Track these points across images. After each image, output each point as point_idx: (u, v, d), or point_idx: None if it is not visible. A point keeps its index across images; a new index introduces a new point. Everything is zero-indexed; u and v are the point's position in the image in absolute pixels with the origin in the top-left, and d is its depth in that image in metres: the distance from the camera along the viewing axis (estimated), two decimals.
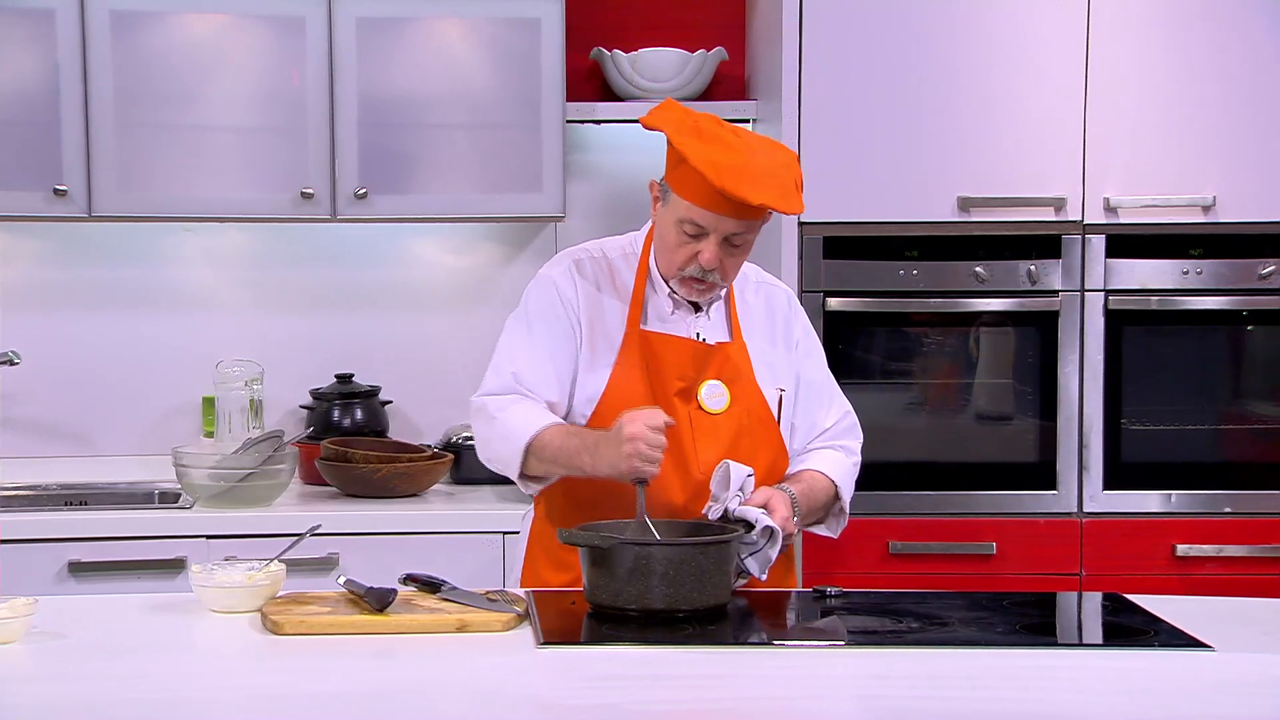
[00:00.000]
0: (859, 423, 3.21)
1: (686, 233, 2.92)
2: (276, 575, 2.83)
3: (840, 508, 3.13)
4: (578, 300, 3.03)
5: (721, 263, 2.93)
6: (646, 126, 2.94)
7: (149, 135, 4.22)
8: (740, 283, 3.11)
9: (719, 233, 2.90)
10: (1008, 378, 4.19)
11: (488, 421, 3.02)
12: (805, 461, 3.12)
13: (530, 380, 3.01)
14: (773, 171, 2.87)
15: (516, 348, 3.04)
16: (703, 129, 2.89)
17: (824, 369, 3.19)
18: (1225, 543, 4.11)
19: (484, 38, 4.30)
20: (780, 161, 2.91)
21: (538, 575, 3.09)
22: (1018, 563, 4.09)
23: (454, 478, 4.40)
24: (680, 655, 2.58)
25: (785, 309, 3.15)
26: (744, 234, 2.92)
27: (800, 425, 3.13)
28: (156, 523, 4.02)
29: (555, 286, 3.05)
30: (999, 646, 2.67)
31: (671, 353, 3.01)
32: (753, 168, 2.84)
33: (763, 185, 2.83)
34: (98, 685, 2.42)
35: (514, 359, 3.03)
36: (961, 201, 4.07)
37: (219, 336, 4.55)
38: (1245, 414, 4.20)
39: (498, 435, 3.00)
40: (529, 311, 3.06)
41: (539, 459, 2.97)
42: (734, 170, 2.82)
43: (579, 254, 3.10)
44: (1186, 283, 4.12)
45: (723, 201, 2.85)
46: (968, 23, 4.07)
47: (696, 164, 2.83)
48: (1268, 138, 4.08)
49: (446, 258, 4.67)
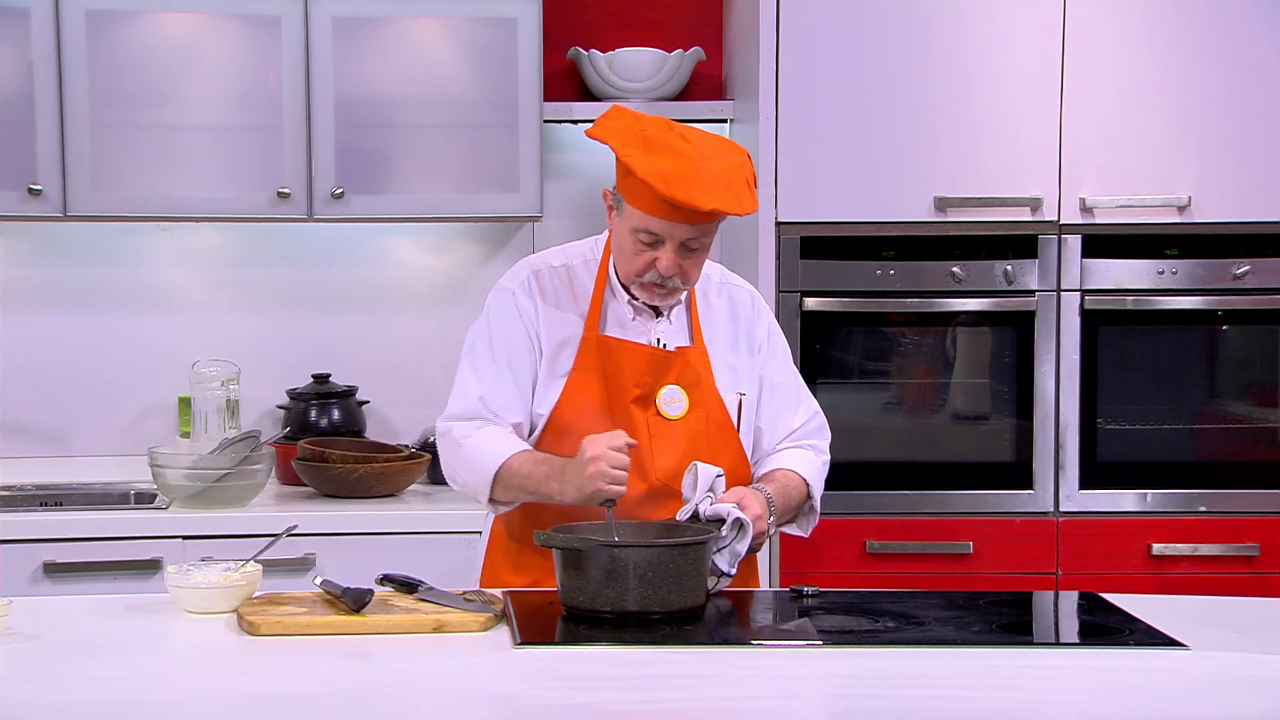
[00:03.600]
0: (828, 423, 3.21)
1: (642, 241, 2.91)
2: (253, 576, 2.82)
3: (811, 506, 3.13)
4: (536, 314, 3.03)
5: (680, 267, 2.93)
6: (591, 137, 2.94)
7: (124, 134, 4.20)
8: (703, 284, 3.09)
9: (674, 239, 2.89)
10: (984, 377, 4.20)
11: (453, 448, 3.02)
12: (775, 461, 3.11)
13: (495, 404, 3.01)
14: (723, 175, 2.85)
15: (481, 368, 3.03)
16: (649, 138, 2.87)
17: (790, 369, 3.18)
18: (1200, 541, 4.13)
19: (461, 37, 4.30)
20: (731, 163, 2.88)
21: (497, 576, 3.09)
22: (994, 562, 4.10)
23: (431, 478, 4.39)
24: (657, 655, 2.58)
25: (749, 311, 3.13)
26: (699, 238, 2.91)
27: (766, 427, 3.13)
28: (132, 523, 4.01)
29: (514, 298, 3.05)
30: (975, 646, 2.67)
31: (629, 359, 3.00)
32: (703, 174, 2.82)
33: (713, 191, 2.82)
34: (72, 686, 2.41)
35: (481, 381, 3.02)
36: (938, 202, 4.08)
37: (195, 336, 4.54)
38: (1220, 413, 4.22)
39: (463, 463, 3.01)
40: (490, 324, 3.06)
41: (506, 487, 2.97)
42: (683, 179, 2.81)
43: (539, 264, 3.09)
44: (1162, 283, 4.14)
45: (674, 210, 2.84)
46: (944, 23, 4.08)
47: (644, 176, 2.82)
48: (1242, 138, 4.10)
49: (423, 257, 4.66)
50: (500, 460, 2.95)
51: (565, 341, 3.02)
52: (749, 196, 2.88)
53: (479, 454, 2.98)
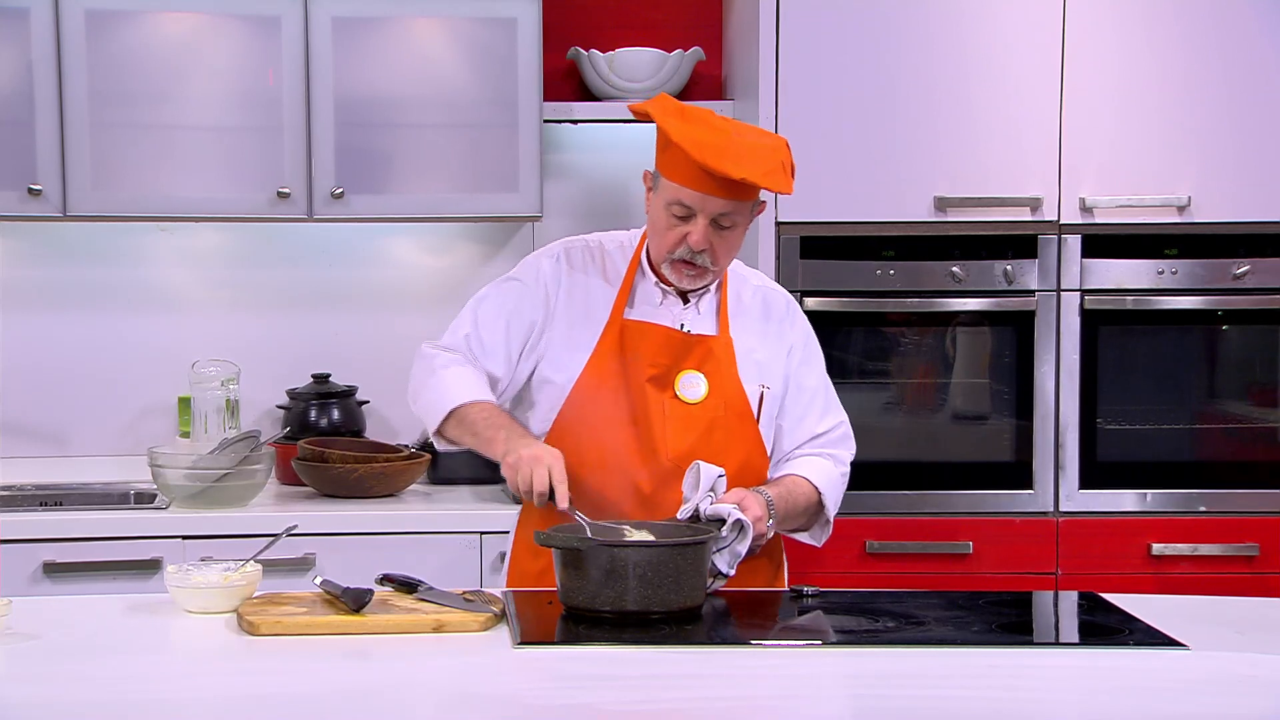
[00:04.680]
0: (853, 434, 3.21)
1: (675, 215, 2.95)
2: (252, 576, 2.82)
3: (825, 519, 3.13)
4: (559, 282, 3.08)
5: (711, 245, 2.96)
6: (634, 111, 3.00)
7: (124, 134, 4.20)
8: (739, 284, 3.13)
9: (706, 213, 2.93)
10: (984, 377, 4.20)
11: (428, 371, 3.09)
12: (790, 467, 3.11)
13: (479, 348, 3.08)
14: (756, 149, 2.90)
15: (481, 313, 3.11)
16: (688, 112, 2.95)
17: (821, 376, 3.18)
18: (1200, 541, 4.13)
19: (461, 37, 4.30)
20: (767, 144, 2.95)
21: (521, 574, 3.10)
22: (994, 562, 4.10)
23: (431, 478, 4.39)
24: (657, 655, 2.58)
25: (783, 312, 3.15)
26: (732, 214, 2.94)
27: (789, 427, 3.12)
28: (132, 523, 4.01)
29: (538, 264, 3.12)
30: (975, 645, 2.67)
31: (648, 340, 3.03)
32: (735, 145, 2.88)
33: (745, 161, 2.87)
34: (72, 686, 2.41)
35: (476, 323, 3.10)
36: (938, 201, 4.08)
37: (195, 336, 4.54)
38: (1220, 413, 4.22)
39: (432, 388, 3.07)
40: (506, 280, 3.14)
41: (459, 424, 3.03)
42: (716, 147, 2.87)
43: (574, 242, 3.16)
44: (1162, 283, 4.14)
45: (707, 179, 2.88)
46: (944, 23, 4.08)
47: (679, 141, 2.87)
48: (1242, 138, 4.10)
49: (423, 257, 4.66)
50: (465, 399, 3.02)
51: (588, 313, 3.06)
52: (782, 176, 2.92)
53: (449, 385, 3.05)
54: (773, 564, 3.14)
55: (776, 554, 3.15)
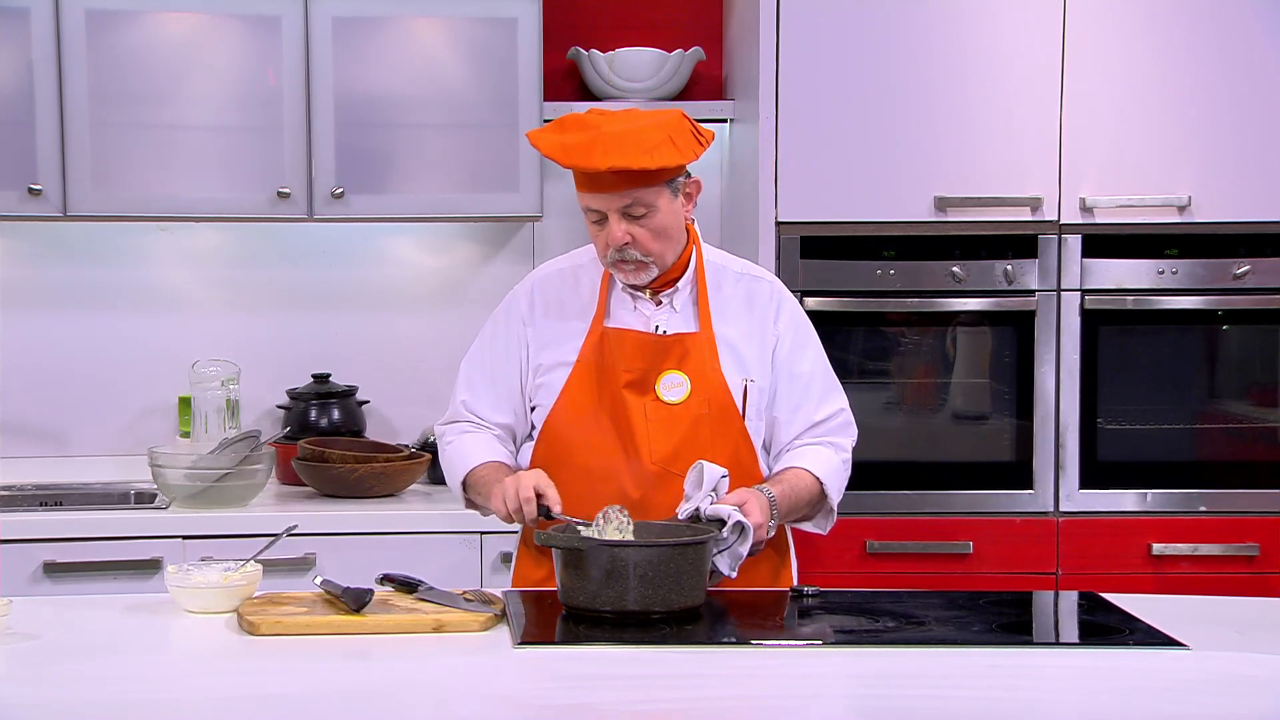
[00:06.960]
0: (854, 421, 3.21)
1: (592, 221, 3.01)
2: (253, 576, 2.82)
3: (829, 507, 3.13)
4: (531, 314, 3.12)
5: (634, 237, 2.97)
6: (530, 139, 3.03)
7: (124, 134, 4.20)
8: (719, 274, 3.11)
9: (610, 210, 2.96)
10: (984, 377, 4.20)
11: (441, 450, 3.21)
12: (792, 458, 3.10)
13: (476, 408, 3.15)
14: (627, 134, 2.90)
15: (469, 374, 3.18)
16: (565, 122, 2.99)
17: (818, 362, 3.16)
18: (1200, 541, 4.13)
19: (461, 37, 4.30)
20: (646, 124, 2.94)
21: (525, 576, 3.11)
22: (994, 562, 4.10)
23: (431, 478, 4.39)
24: (657, 655, 2.58)
25: (767, 301, 3.13)
26: (636, 203, 2.95)
27: (786, 417, 3.11)
28: (132, 523, 4.01)
29: (514, 301, 3.17)
30: (975, 645, 2.67)
31: (623, 345, 3.04)
32: (603, 137, 2.90)
33: (613, 150, 2.88)
34: (72, 686, 2.42)
35: (467, 386, 3.17)
36: (938, 201, 4.08)
37: (195, 336, 4.54)
38: (1220, 413, 4.21)
39: (445, 467, 3.19)
40: (485, 331, 3.20)
41: (474, 491, 3.12)
42: (581, 146, 2.90)
43: (548, 269, 3.20)
44: (1162, 282, 4.14)
45: (588, 179, 2.93)
46: (944, 23, 4.08)
47: (547, 152, 2.94)
48: (1242, 138, 4.10)
49: (424, 257, 4.66)
50: (467, 469, 3.11)
51: (566, 336, 3.08)
52: (671, 150, 2.91)
53: (453, 460, 3.15)
54: (777, 557, 3.13)
55: (783, 547, 3.15)
